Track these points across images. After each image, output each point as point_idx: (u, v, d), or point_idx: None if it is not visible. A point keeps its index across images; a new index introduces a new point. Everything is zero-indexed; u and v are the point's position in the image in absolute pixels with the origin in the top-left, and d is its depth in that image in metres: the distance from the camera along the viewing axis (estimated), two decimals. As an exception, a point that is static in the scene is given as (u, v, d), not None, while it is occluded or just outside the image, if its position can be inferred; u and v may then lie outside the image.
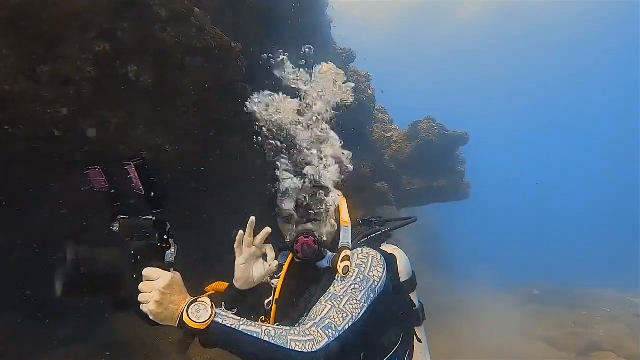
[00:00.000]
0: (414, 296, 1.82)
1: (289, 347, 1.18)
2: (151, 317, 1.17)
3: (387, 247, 1.76)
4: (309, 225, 1.58)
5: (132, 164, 1.33)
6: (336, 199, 1.66)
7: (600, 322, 9.17)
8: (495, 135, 37.41)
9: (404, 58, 34.96)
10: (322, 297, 1.38)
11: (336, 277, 1.43)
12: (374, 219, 1.86)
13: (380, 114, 9.56)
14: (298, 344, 1.19)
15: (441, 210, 15.63)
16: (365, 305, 1.37)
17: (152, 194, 1.34)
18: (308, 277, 1.57)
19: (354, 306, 1.34)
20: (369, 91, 8.55)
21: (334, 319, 1.29)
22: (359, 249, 1.55)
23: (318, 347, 1.20)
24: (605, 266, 18.86)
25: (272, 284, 1.70)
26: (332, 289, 1.40)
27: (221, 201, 4.92)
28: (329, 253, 1.55)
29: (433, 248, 15.11)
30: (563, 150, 42.07)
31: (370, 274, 1.45)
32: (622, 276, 15.09)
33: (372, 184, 8.15)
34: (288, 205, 1.57)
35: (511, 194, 36.05)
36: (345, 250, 1.48)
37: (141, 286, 1.19)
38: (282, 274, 1.64)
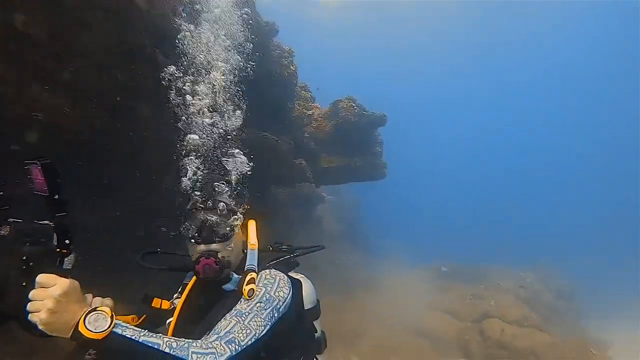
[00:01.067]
0: (317, 324, 1.89)
1: (188, 359, 1.16)
2: (41, 327, 1.06)
3: (295, 274, 1.79)
4: (214, 246, 1.55)
5: (38, 163, 1.23)
6: (243, 220, 1.67)
7: (493, 294, 10.10)
8: (413, 117, 38.88)
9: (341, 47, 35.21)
10: (227, 314, 1.38)
11: (241, 298, 1.43)
12: (283, 247, 1.88)
13: (302, 92, 9.59)
14: (199, 356, 1.18)
15: (359, 189, 16.21)
16: (269, 323, 1.40)
17: (57, 197, 1.25)
18: (212, 298, 1.55)
19: (258, 323, 1.36)
20: (292, 67, 8.51)
21: (237, 334, 1.30)
22: (267, 270, 1.58)
23: None
24: (505, 244, 20.66)
25: (174, 303, 1.70)
26: (238, 306, 1.40)
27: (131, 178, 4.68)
28: (235, 275, 1.54)
29: (351, 226, 15.62)
30: (472, 134, 44.16)
31: (276, 294, 1.48)
32: (517, 253, 16.71)
33: (291, 161, 8.21)
34: (193, 224, 1.56)
35: (426, 174, 37.83)
36: (250, 273, 1.50)
37: (32, 293, 1.09)
38: (185, 293, 1.63)
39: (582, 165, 39.42)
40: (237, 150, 1.85)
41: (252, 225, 1.71)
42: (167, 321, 1.61)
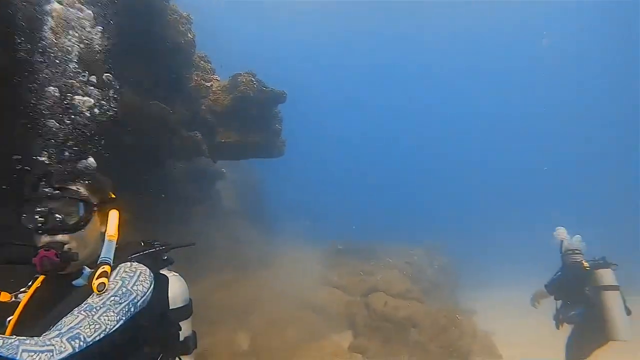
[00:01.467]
0: (187, 324, 1.80)
1: (17, 358, 0.99)
2: None
3: (166, 272, 1.69)
4: (59, 237, 1.39)
5: None
6: (105, 210, 1.53)
7: (381, 270, 10.75)
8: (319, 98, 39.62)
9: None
10: (75, 309, 1.23)
11: (93, 292, 1.29)
12: (156, 242, 1.74)
13: (202, 62, 9.17)
14: (32, 354, 1.02)
15: (261, 167, 16.18)
16: (123, 318, 1.28)
17: None
18: (61, 293, 1.38)
19: (109, 318, 1.24)
20: (189, 35, 8.06)
21: (84, 330, 1.16)
22: (128, 263, 1.45)
23: (57, 358, 1.05)
24: (398, 224, 22.20)
25: (18, 297, 1.50)
26: (89, 300, 1.26)
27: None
28: (87, 269, 1.42)
29: (251, 203, 15.54)
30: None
31: (134, 287, 1.36)
32: (408, 232, 18.01)
33: (184, 132, 7.84)
34: (38, 214, 1.38)
35: (325, 153, 38.85)
36: (103, 266, 1.36)
37: None
38: (32, 288, 1.46)
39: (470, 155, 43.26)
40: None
41: (113, 215, 1.56)
42: (8, 319, 1.42)
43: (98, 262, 1.40)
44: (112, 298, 1.29)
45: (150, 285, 1.45)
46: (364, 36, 39.34)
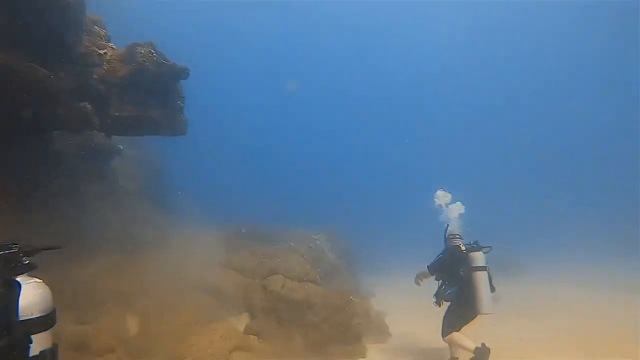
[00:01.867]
0: (45, 336, 1.63)
1: None
2: None
3: (24, 278, 1.54)
4: None
5: None
6: None
7: (282, 253, 10.86)
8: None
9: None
10: None
11: None
12: (14, 245, 1.58)
13: (95, 27, 8.40)
14: None
15: (163, 145, 15.38)
16: None
17: None
18: None
19: None
20: (78, -6, 7.34)
21: None
22: None
23: None
24: (304, 209, 22.64)
25: None
26: None
27: None
28: None
29: (151, 182, 14.75)
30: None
31: None
32: (313, 217, 18.45)
33: (70, 102, 7.16)
34: None
35: (231, 136, 38.31)
36: None
37: None
38: None
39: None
40: None
41: None
42: None
43: None
44: None
45: None
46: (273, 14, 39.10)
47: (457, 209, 7.32)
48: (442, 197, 7.53)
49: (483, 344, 6.13)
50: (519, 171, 39.30)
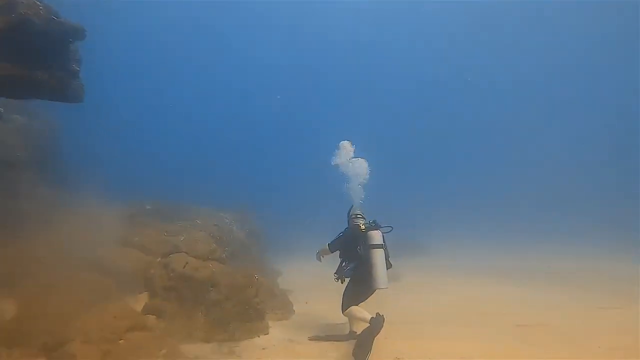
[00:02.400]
0: None
1: None
2: None
3: None
4: None
5: None
6: None
7: (186, 230, 10.52)
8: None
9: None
10: None
11: None
12: None
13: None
14: None
15: (58, 111, 13.93)
16: None
17: None
18: None
19: None
20: None
21: None
22: None
23: None
24: (214, 187, 22.05)
25: None
26: None
27: None
28: None
29: (43, 152, 13.34)
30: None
31: None
32: (222, 195, 18.06)
33: None
34: None
35: (139, 107, 36.22)
36: None
37: None
38: None
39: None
40: None
41: None
42: None
43: None
44: None
45: None
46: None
47: (361, 165, 7.52)
48: (345, 148, 7.74)
49: (378, 314, 6.50)
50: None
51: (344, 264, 7.16)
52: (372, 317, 6.44)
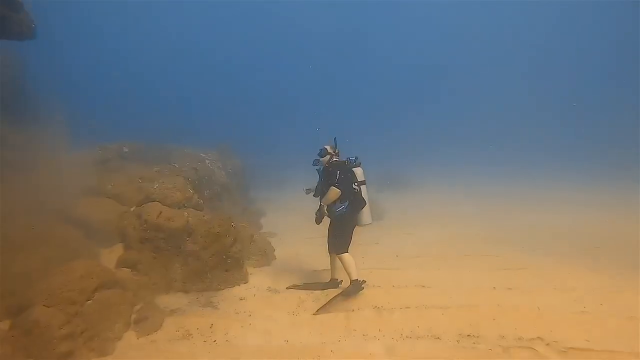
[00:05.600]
0: None
1: None
2: None
3: None
4: None
5: None
6: None
7: (162, 176, 10.02)
8: None
9: None
10: None
11: None
12: None
13: None
14: None
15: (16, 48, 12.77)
16: None
17: None
18: None
19: None
20: None
21: None
22: None
23: None
24: (193, 127, 21.35)
25: None
26: None
27: None
28: None
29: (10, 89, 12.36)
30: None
31: None
32: (203, 136, 17.44)
33: None
34: None
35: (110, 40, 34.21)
36: None
37: None
38: None
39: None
40: None
41: None
42: None
43: None
44: None
45: None
46: None
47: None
48: None
49: (362, 280, 6.48)
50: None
51: (337, 202, 6.64)
52: (356, 280, 6.42)
